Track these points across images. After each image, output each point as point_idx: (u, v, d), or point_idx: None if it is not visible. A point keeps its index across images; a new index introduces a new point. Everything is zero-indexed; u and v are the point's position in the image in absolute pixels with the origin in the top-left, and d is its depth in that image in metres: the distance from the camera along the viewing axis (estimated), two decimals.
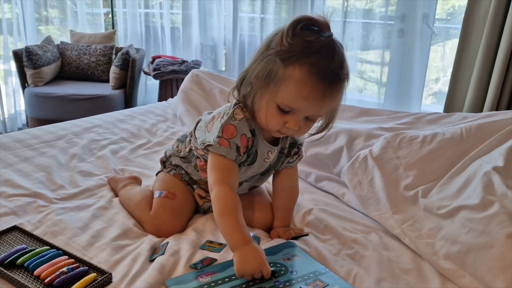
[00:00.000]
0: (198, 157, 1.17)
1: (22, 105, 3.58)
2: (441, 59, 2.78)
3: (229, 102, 1.11)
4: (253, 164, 1.12)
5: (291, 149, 1.18)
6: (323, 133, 1.10)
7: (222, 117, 1.06)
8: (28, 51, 3.22)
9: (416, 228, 1.12)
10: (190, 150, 1.20)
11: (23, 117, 3.70)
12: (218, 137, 1.03)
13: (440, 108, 2.30)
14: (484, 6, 1.97)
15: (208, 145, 1.04)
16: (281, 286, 0.90)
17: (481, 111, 2.00)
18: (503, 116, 1.45)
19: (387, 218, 1.19)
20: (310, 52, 0.93)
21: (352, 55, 2.82)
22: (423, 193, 1.23)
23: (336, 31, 1.04)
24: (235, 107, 1.05)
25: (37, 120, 3.17)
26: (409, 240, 1.10)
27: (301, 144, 1.20)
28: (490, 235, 1.00)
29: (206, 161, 1.14)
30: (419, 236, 1.09)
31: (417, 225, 1.13)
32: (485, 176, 1.17)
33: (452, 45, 2.60)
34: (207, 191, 1.19)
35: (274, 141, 1.13)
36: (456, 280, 0.97)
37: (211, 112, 1.17)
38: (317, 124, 1.09)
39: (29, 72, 3.25)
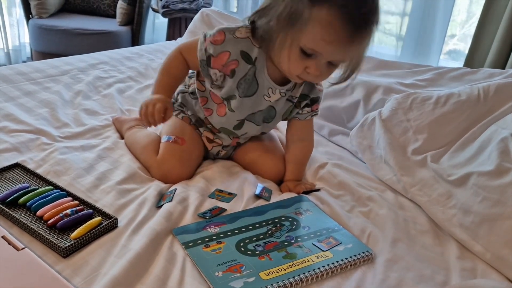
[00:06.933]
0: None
1: (26, 37, 3.48)
2: (458, 13, 2.62)
3: None
4: (251, 96, 1.07)
5: (302, 100, 1.12)
6: (347, 82, 1.03)
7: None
8: None
9: (425, 193, 1.06)
10: None
11: (28, 49, 3.59)
12: (209, 35, 1.03)
13: (455, 64, 2.19)
14: None
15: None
16: (293, 241, 0.87)
17: (504, 68, 1.90)
18: None
19: (397, 182, 1.13)
20: None
21: None
22: (433, 158, 1.14)
23: None
24: (242, 25, 1.01)
25: (42, 53, 3.08)
26: (420, 204, 1.06)
27: (315, 99, 1.13)
28: (506, 205, 0.92)
29: (202, 97, 1.14)
30: (429, 202, 1.04)
31: (425, 190, 1.06)
32: (501, 142, 1.06)
33: None
34: (214, 133, 1.16)
35: (280, 82, 1.06)
36: (471, 249, 0.93)
37: None
38: (339, 74, 1.02)
39: (33, 2, 3.11)
